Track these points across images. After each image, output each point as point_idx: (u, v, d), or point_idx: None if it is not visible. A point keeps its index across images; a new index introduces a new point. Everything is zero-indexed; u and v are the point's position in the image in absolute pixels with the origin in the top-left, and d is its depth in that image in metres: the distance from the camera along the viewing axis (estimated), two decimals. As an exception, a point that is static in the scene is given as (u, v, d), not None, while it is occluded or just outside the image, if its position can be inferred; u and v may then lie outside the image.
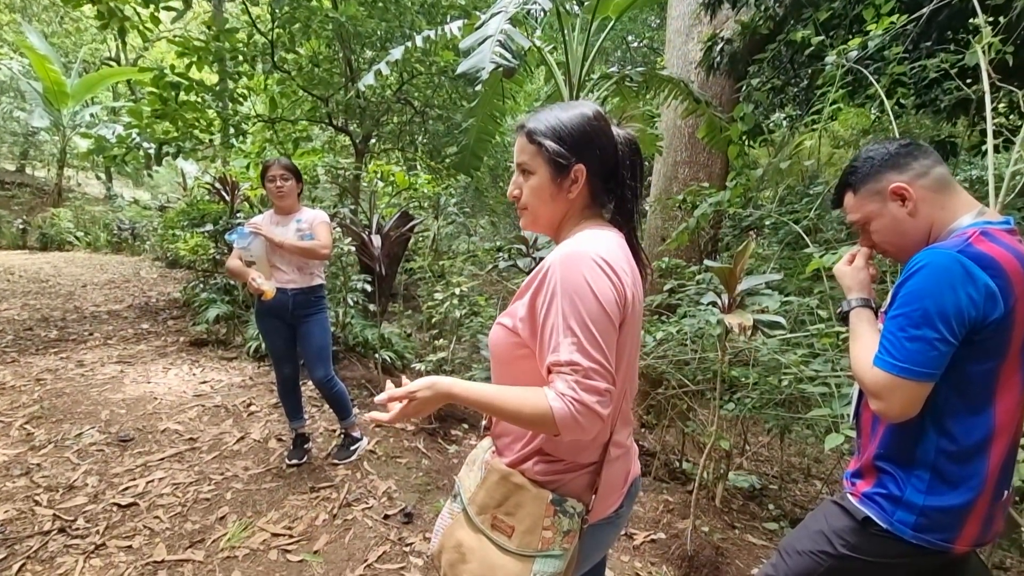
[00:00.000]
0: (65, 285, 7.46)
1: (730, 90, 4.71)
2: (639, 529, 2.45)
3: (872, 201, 1.13)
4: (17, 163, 16.83)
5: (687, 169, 4.86)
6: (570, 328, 0.82)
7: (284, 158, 2.75)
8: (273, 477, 2.70)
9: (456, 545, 0.97)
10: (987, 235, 1.00)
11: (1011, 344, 0.98)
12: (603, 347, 0.82)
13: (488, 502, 0.96)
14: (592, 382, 0.81)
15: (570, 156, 0.94)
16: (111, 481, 2.57)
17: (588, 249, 0.87)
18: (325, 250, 2.61)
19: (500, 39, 2.44)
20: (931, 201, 1.07)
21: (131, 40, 14.39)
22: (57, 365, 4.15)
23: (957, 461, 1.01)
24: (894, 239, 1.12)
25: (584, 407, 0.80)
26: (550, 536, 0.90)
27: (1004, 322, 0.96)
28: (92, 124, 12.79)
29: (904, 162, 1.10)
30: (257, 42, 5.59)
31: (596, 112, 0.97)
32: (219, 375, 4.14)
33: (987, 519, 1.03)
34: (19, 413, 3.24)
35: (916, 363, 0.97)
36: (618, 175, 0.98)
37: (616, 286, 0.86)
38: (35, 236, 11.40)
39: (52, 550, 2.08)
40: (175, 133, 5.32)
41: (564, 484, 0.94)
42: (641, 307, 0.98)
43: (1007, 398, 1.00)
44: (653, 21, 10.66)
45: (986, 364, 0.99)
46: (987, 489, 1.01)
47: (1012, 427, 1.02)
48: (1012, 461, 1.04)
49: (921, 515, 1.03)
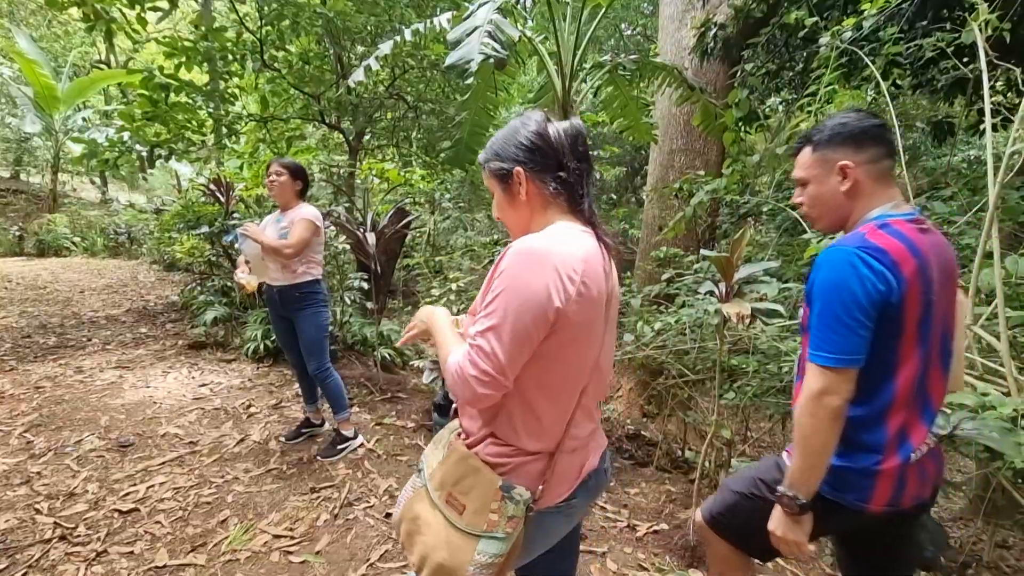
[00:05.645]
0: (63, 291, 7.44)
1: (725, 76, 4.66)
2: (641, 520, 2.45)
3: (821, 167, 1.22)
4: (11, 169, 16.74)
5: (683, 157, 4.82)
6: (495, 312, 0.91)
7: (287, 157, 2.81)
8: (274, 479, 2.69)
9: (414, 517, 1.04)
10: (884, 227, 1.11)
11: (907, 322, 1.09)
12: (507, 340, 0.90)
13: (446, 480, 1.02)
14: (479, 361, 0.91)
15: (507, 164, 1.05)
16: (111, 487, 2.57)
17: (539, 247, 0.93)
18: (288, 250, 2.60)
19: (488, 29, 2.40)
20: (866, 188, 1.18)
21: (121, 43, 14.28)
22: (56, 372, 4.14)
23: (863, 428, 1.13)
24: (821, 207, 1.25)
25: (462, 377, 0.92)
26: (495, 519, 0.95)
27: (898, 304, 1.07)
28: (84, 128, 12.67)
29: (864, 145, 1.17)
30: (246, 41, 5.52)
31: (528, 118, 1.05)
32: (218, 377, 4.13)
33: (897, 482, 1.13)
34: (18, 421, 3.23)
35: (846, 351, 1.07)
36: (565, 167, 1.03)
37: (556, 286, 0.91)
38: (32, 243, 11.36)
39: (53, 558, 2.07)
40: (167, 135, 5.27)
41: (514, 468, 1.00)
42: (604, 298, 1.00)
43: (907, 371, 1.11)
44: (646, 8, 10.56)
45: (887, 342, 1.09)
46: (890, 453, 1.12)
47: (910, 397, 1.13)
48: (913, 427, 1.14)
49: (835, 476, 1.13)
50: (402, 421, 3.49)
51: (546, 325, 0.91)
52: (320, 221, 2.73)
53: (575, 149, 1.04)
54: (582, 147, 1.05)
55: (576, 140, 1.05)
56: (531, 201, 1.06)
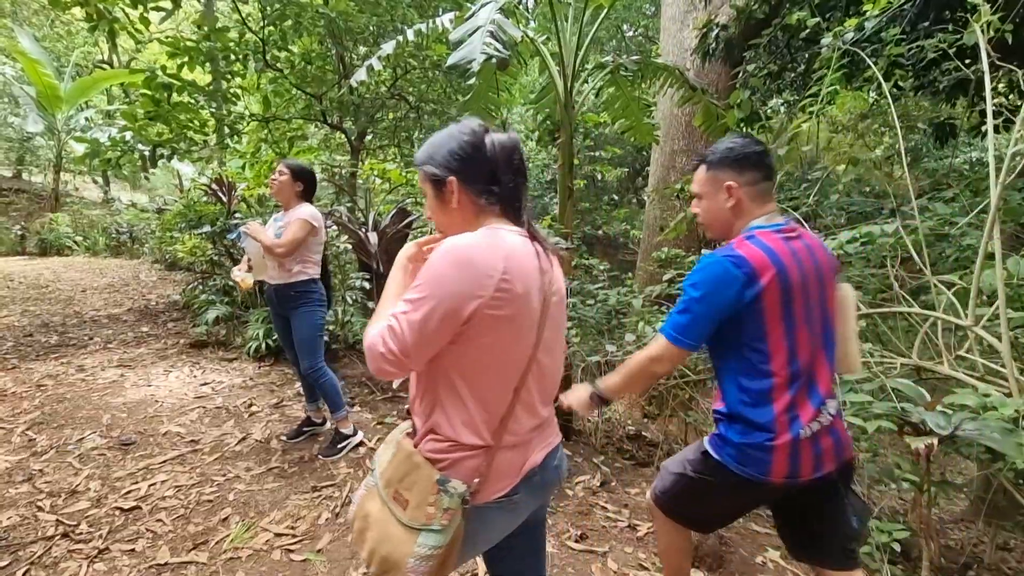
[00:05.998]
0: (64, 290, 7.46)
1: (726, 77, 4.67)
2: (642, 520, 2.45)
3: (711, 184, 1.44)
4: (13, 169, 16.78)
5: (685, 158, 4.82)
6: (412, 299, 0.96)
7: (294, 159, 2.84)
8: (275, 477, 2.70)
9: (365, 515, 1.09)
10: (750, 238, 1.34)
11: (768, 317, 1.29)
12: (416, 327, 0.95)
13: (392, 477, 1.06)
14: (388, 340, 0.96)
15: (440, 172, 1.07)
16: (113, 485, 2.57)
17: (462, 245, 0.97)
18: (279, 248, 2.64)
19: (491, 29, 2.40)
20: (746, 205, 1.40)
21: (123, 43, 14.30)
22: (58, 370, 4.15)
23: (753, 409, 1.32)
24: (709, 219, 1.48)
25: (373, 349, 0.97)
26: (432, 512, 0.99)
27: (756, 302, 1.27)
28: (87, 128, 12.72)
29: (746, 169, 1.39)
30: (248, 41, 5.54)
31: (466, 127, 1.08)
32: (220, 376, 4.13)
33: (792, 456, 1.30)
34: (21, 419, 3.24)
35: (686, 335, 1.33)
36: (499, 180, 1.07)
37: (473, 284, 0.95)
38: (34, 242, 11.39)
39: (55, 555, 2.08)
40: (169, 135, 5.28)
41: (452, 464, 1.03)
42: (537, 296, 1.04)
43: (779, 359, 1.30)
44: (648, 9, 10.56)
45: (755, 333, 1.30)
46: (781, 431, 1.29)
47: (789, 380, 1.30)
48: (802, 407, 1.31)
49: (738, 451, 1.34)
50: (403, 421, 3.49)
51: (457, 320, 0.95)
52: (317, 221, 2.73)
53: (510, 162, 1.07)
54: (517, 161, 1.08)
55: (512, 154, 1.07)
56: (463, 209, 1.08)
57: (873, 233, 2.24)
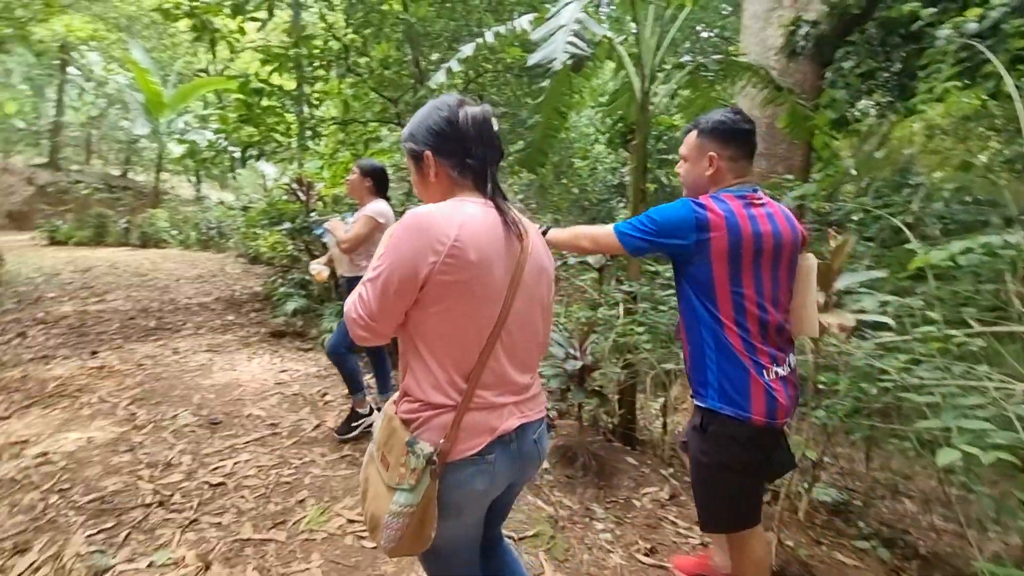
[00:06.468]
0: (162, 279, 8.13)
1: (813, 76, 4.40)
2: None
3: (697, 150, 1.60)
4: (121, 168, 18.58)
5: (764, 161, 4.58)
6: (375, 267, 1.04)
7: (365, 158, 2.98)
8: (348, 465, 2.79)
9: (366, 478, 1.18)
10: (715, 197, 1.51)
11: (713, 260, 1.46)
12: (379, 292, 1.03)
13: (379, 440, 1.15)
14: (357, 306, 1.07)
15: (419, 147, 1.14)
16: (203, 461, 2.76)
17: (420, 214, 1.03)
18: (344, 244, 2.81)
19: (574, 28, 2.38)
20: (723, 176, 1.56)
21: (218, 52, 15.48)
22: (156, 352, 4.52)
23: (718, 353, 1.51)
24: (688, 181, 1.66)
25: (347, 315, 1.10)
26: (403, 472, 1.05)
27: (704, 248, 1.45)
28: (185, 131, 13.87)
29: (730, 144, 1.54)
30: (332, 47, 5.83)
31: (442, 102, 1.14)
32: (297, 365, 4.35)
33: (767, 393, 1.47)
34: (124, 395, 3.55)
35: (632, 235, 1.54)
36: (472, 152, 1.11)
37: (424, 250, 1.00)
38: (136, 234, 12.50)
39: (152, 522, 2.25)
40: (257, 137, 5.65)
41: (424, 422, 1.08)
42: (499, 265, 1.07)
43: (724, 301, 1.48)
44: (725, 8, 10.19)
45: (703, 273, 1.48)
46: (748, 367, 1.48)
47: (734, 326, 1.48)
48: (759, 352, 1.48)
49: (719, 392, 1.50)
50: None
51: (414, 284, 1.01)
52: (383, 217, 2.78)
53: (481, 135, 1.12)
54: (487, 134, 1.13)
55: (483, 127, 1.12)
56: (440, 182, 1.15)
57: (992, 244, 2.02)
